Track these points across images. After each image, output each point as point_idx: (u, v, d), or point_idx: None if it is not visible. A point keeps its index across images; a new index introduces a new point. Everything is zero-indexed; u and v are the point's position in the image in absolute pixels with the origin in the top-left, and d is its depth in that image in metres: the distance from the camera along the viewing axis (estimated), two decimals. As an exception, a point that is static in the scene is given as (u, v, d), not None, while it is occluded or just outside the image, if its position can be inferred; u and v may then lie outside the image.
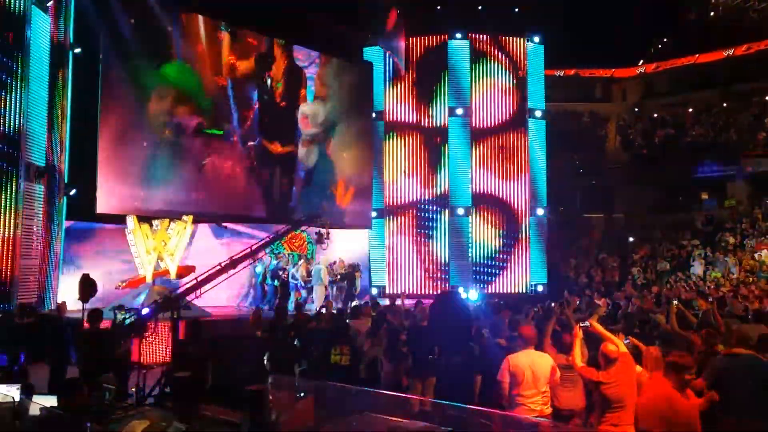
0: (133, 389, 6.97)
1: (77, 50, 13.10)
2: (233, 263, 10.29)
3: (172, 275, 13.78)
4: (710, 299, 14.15)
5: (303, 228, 15.70)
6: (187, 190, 14.66)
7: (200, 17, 15.10)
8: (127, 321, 7.15)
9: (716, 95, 28.67)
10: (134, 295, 12.97)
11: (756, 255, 21.14)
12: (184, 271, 13.79)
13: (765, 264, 20.45)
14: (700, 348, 6.79)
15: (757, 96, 27.54)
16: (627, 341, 6.40)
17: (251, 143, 16.04)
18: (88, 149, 13.00)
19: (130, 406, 5.41)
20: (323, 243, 14.51)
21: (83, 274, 9.47)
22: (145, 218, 13.70)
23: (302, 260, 15.86)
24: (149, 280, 13.55)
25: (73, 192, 12.98)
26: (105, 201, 13.17)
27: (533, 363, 5.92)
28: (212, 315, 12.80)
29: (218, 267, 10.28)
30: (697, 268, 21.06)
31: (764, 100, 27.35)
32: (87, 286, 9.06)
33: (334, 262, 16.34)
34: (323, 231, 14.44)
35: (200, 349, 6.94)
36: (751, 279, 18.99)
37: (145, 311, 7.37)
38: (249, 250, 12.13)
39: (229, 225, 15.50)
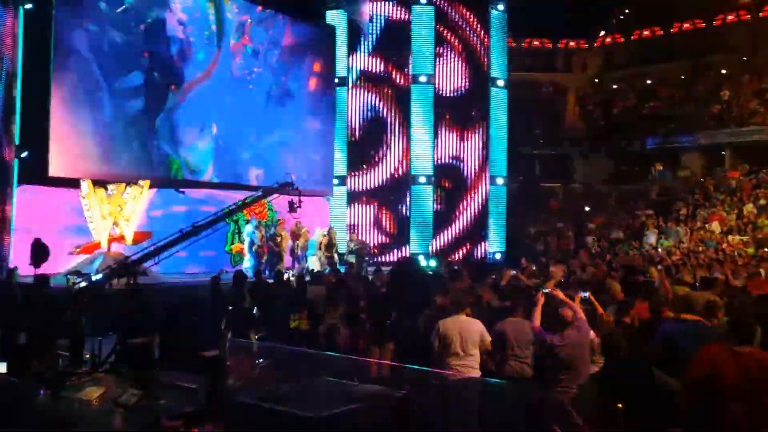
0: (88, 355, 6.88)
1: (28, 6, 12.58)
2: (196, 230, 10.13)
3: (128, 241, 13.57)
4: (659, 267, 14.60)
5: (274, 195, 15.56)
6: (144, 153, 14.36)
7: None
8: (78, 286, 7.05)
9: (674, 68, 29.19)
10: (89, 261, 12.74)
11: (707, 225, 21.80)
12: (141, 237, 13.59)
13: (715, 234, 21.12)
14: (647, 314, 7.00)
15: (713, 69, 28.12)
16: (586, 295, 6.58)
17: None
18: (41, 110, 12.59)
19: (84, 372, 5.34)
20: (295, 211, 14.47)
21: (35, 239, 9.27)
22: (100, 182, 13.40)
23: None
24: (104, 245, 13.31)
25: (24, 154, 12.58)
26: (58, 164, 12.82)
27: (462, 328, 6.12)
28: (172, 281, 12.69)
29: (179, 233, 10.04)
30: (650, 238, 21.62)
31: (720, 73, 27.96)
32: (39, 251, 8.88)
33: (325, 231, 16.58)
34: (295, 199, 14.36)
35: (147, 316, 6.88)
36: (700, 248, 19.59)
37: (97, 277, 7.25)
38: (213, 216, 11.91)
39: (187, 191, 15.25)
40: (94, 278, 7.19)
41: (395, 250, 19.07)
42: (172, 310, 8.29)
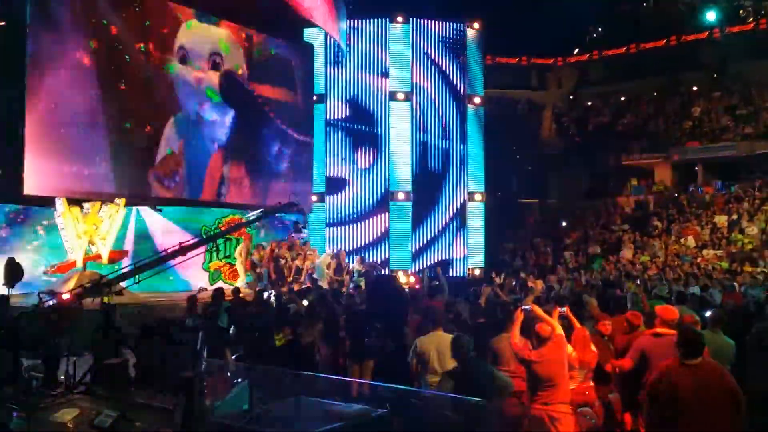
0: (63, 377, 6.76)
1: (1, 23, 12.49)
2: (183, 250, 9.90)
3: (104, 260, 13.39)
4: (637, 282, 14.79)
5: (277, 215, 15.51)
6: (121, 171, 14.23)
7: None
8: (47, 305, 6.92)
9: (647, 85, 29.71)
10: (64, 280, 12.54)
11: (681, 240, 22.10)
12: (117, 255, 13.42)
13: (690, 248, 21.41)
14: (624, 329, 7.07)
15: (684, 86, 28.68)
16: (563, 310, 6.63)
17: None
18: (15, 128, 12.44)
19: (59, 394, 5.25)
20: (301, 232, 14.38)
21: (8, 258, 9.11)
22: (75, 201, 13.23)
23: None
24: (79, 264, 13.12)
25: (-3, 173, 12.41)
26: (33, 182, 12.66)
27: (439, 344, 6.12)
28: (150, 300, 12.52)
29: (163, 253, 9.75)
30: (626, 252, 21.85)
31: (691, 90, 28.52)
32: (12, 271, 8.73)
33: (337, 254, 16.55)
34: (301, 220, 14.26)
35: (120, 336, 6.78)
36: (676, 262, 19.84)
37: (66, 296, 7.12)
38: (204, 237, 11.73)
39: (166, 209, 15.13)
40: (64, 297, 7.05)
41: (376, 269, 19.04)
42: (148, 330, 8.18)
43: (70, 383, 5.60)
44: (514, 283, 15.08)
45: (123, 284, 9.30)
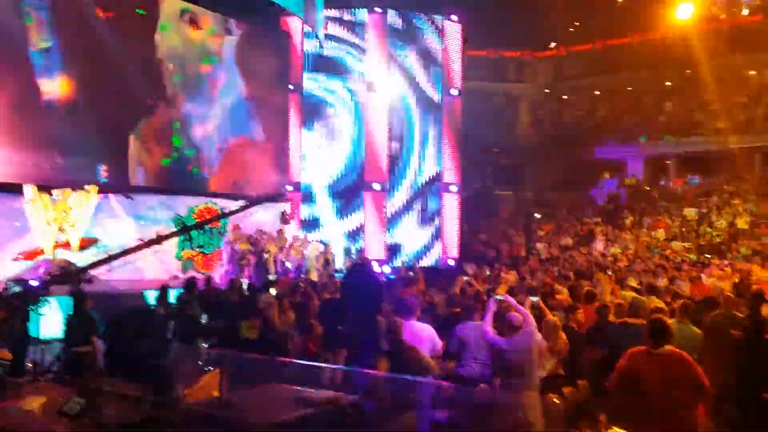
0: (30, 364, 6.68)
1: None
2: (159, 239, 9.73)
3: (74, 248, 13.19)
4: (609, 273, 14.99)
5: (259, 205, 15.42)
6: (91, 158, 14.01)
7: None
8: (12, 291, 6.81)
9: (621, 79, 30.05)
10: (34, 268, 12.36)
11: (652, 232, 22.46)
12: (87, 243, 13.23)
13: (660, 240, 21.77)
14: (595, 318, 7.18)
15: (657, 81, 29.06)
16: (536, 300, 6.72)
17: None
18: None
19: (26, 381, 5.18)
20: (288, 222, 14.24)
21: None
22: (45, 188, 13.00)
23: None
24: (49, 252, 12.92)
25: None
26: (1, 169, 12.42)
27: (412, 333, 6.18)
28: (120, 289, 12.37)
29: (140, 242, 9.56)
30: (598, 244, 22.14)
31: (664, 85, 28.91)
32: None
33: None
34: (287, 210, 14.10)
35: (91, 325, 6.72)
36: (646, 254, 20.14)
37: (34, 282, 7.02)
38: (181, 226, 11.58)
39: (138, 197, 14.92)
40: (31, 284, 6.95)
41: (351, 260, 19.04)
42: (118, 319, 8.10)
43: (38, 371, 5.55)
44: (487, 273, 15.24)
45: (93, 272, 9.18)
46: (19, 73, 12.85)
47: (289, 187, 18.84)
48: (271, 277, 13.58)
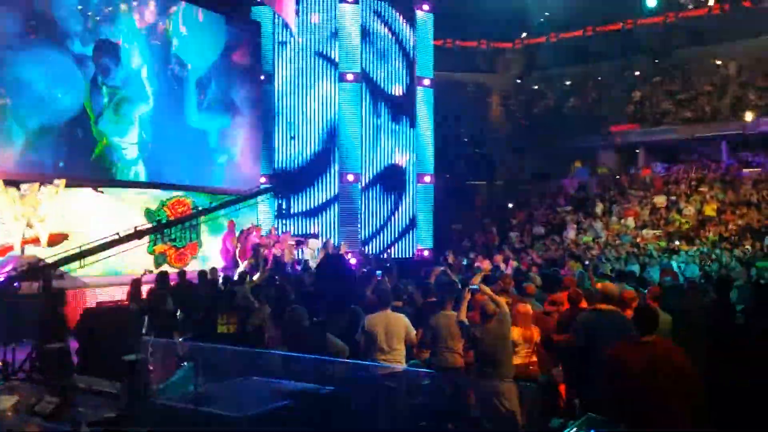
0: (0, 364, 6.57)
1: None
2: (138, 234, 9.49)
3: (43, 243, 12.96)
4: (586, 262, 15.19)
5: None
6: (59, 151, 13.77)
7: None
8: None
9: (591, 69, 30.34)
10: (2, 265, 12.11)
11: (622, 220, 22.78)
12: (57, 238, 13.00)
13: (630, 228, 22.10)
14: (566, 306, 7.28)
15: (627, 71, 29.40)
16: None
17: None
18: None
19: (-4, 381, 5.11)
20: (283, 216, 14.11)
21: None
22: (11, 182, 12.75)
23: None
24: (17, 248, 12.67)
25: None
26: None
27: (388, 323, 6.26)
28: (92, 284, 12.22)
29: (115, 236, 9.30)
30: (570, 233, 22.41)
31: (633, 75, 29.25)
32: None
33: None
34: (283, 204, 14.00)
35: (63, 321, 6.64)
36: (617, 242, 20.45)
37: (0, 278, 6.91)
38: (165, 223, 11.39)
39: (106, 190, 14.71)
40: (-1, 280, 6.83)
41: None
42: (90, 315, 8.00)
43: (9, 370, 5.47)
44: (463, 262, 15.35)
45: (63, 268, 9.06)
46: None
47: (262, 180, 18.74)
48: (242, 270, 13.50)
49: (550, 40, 30.77)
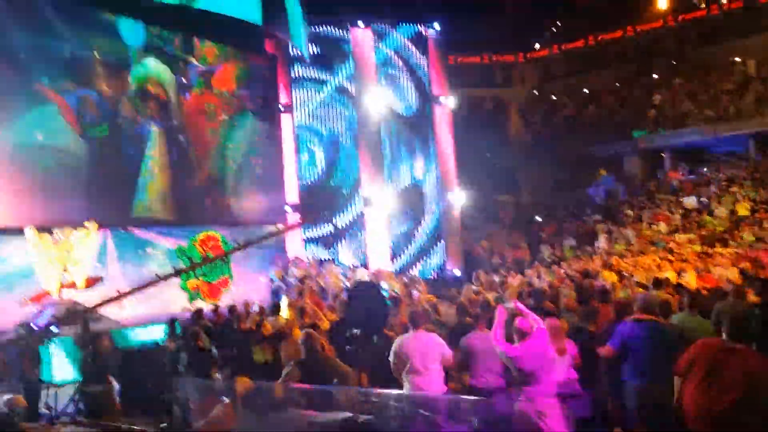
0: (45, 409, 6.66)
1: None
2: (177, 273, 9.52)
3: (80, 287, 13.18)
4: (622, 272, 14.91)
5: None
6: (89, 195, 14.04)
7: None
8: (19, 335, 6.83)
9: (608, 75, 30.20)
10: (41, 310, 12.30)
11: (653, 226, 22.44)
12: (93, 282, 13.21)
13: (662, 234, 21.73)
14: (611, 317, 7.14)
15: (645, 76, 29.19)
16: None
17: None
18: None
19: (42, 427, 5.17)
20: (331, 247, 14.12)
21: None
22: (45, 228, 13.01)
23: None
24: (55, 293, 12.89)
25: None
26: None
27: (421, 344, 6.20)
28: (129, 324, 12.34)
29: (156, 277, 9.27)
30: (602, 242, 22.11)
31: (652, 79, 29.03)
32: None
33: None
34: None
35: (102, 363, 6.71)
36: (651, 249, 20.11)
37: (40, 324, 7.03)
38: (201, 260, 11.56)
39: (137, 230, 14.92)
40: (37, 327, 6.95)
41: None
42: (129, 355, 8.09)
43: (54, 414, 5.53)
44: (495, 279, 15.21)
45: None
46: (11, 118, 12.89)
47: (288, 209, 18.86)
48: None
49: (565, 49, 30.78)
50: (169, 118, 15.78)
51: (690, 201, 22.94)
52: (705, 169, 25.25)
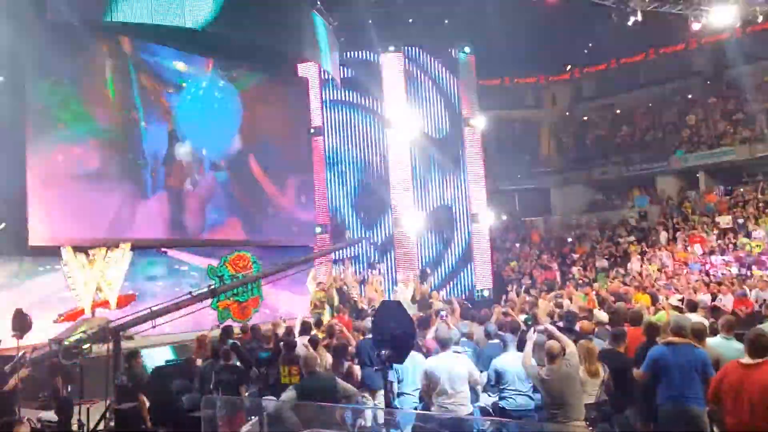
0: (77, 426, 6.74)
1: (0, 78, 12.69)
2: (212, 293, 9.58)
3: (113, 306, 13.39)
4: (649, 292, 14.65)
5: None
6: (123, 215, 14.32)
7: (126, 39, 14.78)
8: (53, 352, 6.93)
9: (641, 96, 29.91)
10: (74, 329, 12.49)
11: (688, 248, 21.99)
12: (125, 300, 13.41)
13: (697, 255, 21.29)
14: (642, 340, 7.00)
15: (678, 95, 28.84)
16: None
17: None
18: (17, 180, 12.58)
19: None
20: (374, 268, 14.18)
21: (16, 309, 9.09)
22: (80, 248, 13.29)
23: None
24: (88, 312, 13.11)
25: (2, 226, 12.47)
26: (38, 233, 12.75)
27: (449, 366, 6.16)
28: (159, 342, 12.48)
29: (188, 296, 9.27)
30: (635, 264, 21.74)
31: (686, 98, 28.67)
32: (21, 321, 8.71)
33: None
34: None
35: (134, 380, 6.77)
36: (685, 271, 19.72)
37: (73, 339, 7.13)
38: (238, 280, 11.76)
39: (170, 251, 15.17)
40: (66, 343, 7.04)
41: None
42: (160, 373, 8.16)
43: (84, 431, 5.59)
44: (526, 300, 15.02)
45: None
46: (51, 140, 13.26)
47: (318, 229, 18.97)
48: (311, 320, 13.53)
49: (596, 70, 30.61)
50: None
51: (725, 219, 22.46)
52: (741, 190, 24.72)
